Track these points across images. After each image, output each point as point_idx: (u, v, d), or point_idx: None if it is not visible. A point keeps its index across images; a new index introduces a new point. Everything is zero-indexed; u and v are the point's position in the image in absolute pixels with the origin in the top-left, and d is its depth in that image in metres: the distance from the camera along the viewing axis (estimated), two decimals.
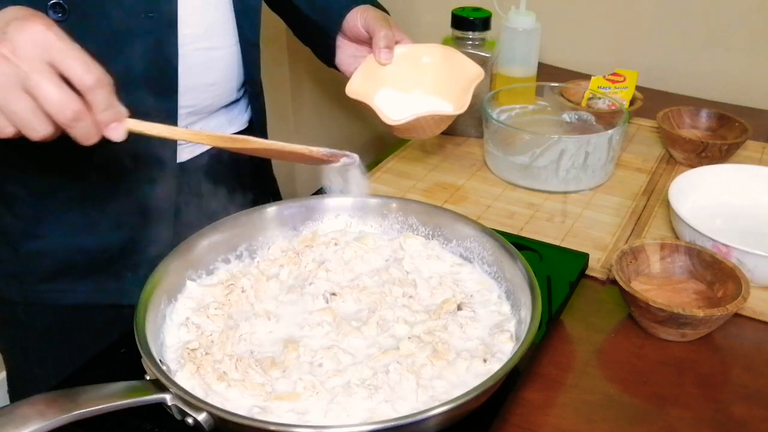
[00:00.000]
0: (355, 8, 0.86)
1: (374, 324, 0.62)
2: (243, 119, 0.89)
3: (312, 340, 0.61)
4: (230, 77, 0.82)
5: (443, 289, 0.67)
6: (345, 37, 0.89)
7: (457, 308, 0.64)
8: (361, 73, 0.82)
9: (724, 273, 0.72)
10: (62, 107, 0.51)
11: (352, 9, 0.86)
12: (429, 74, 0.83)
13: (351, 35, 0.88)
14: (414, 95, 0.83)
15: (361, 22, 0.85)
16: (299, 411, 0.54)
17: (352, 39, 0.89)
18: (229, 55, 0.80)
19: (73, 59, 0.51)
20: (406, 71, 0.83)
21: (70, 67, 0.51)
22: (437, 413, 0.49)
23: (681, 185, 0.86)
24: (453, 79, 0.81)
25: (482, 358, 0.58)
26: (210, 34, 0.76)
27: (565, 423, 0.60)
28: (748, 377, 0.66)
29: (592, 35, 1.34)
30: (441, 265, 0.71)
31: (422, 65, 0.84)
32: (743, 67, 1.23)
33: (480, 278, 0.69)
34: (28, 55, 0.50)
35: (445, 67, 0.83)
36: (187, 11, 0.72)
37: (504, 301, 0.66)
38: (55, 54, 0.51)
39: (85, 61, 0.52)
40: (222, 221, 0.70)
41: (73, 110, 0.52)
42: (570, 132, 1.04)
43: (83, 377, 0.60)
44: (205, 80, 0.78)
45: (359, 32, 0.86)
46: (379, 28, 0.83)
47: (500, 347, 0.60)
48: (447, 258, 0.72)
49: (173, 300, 0.64)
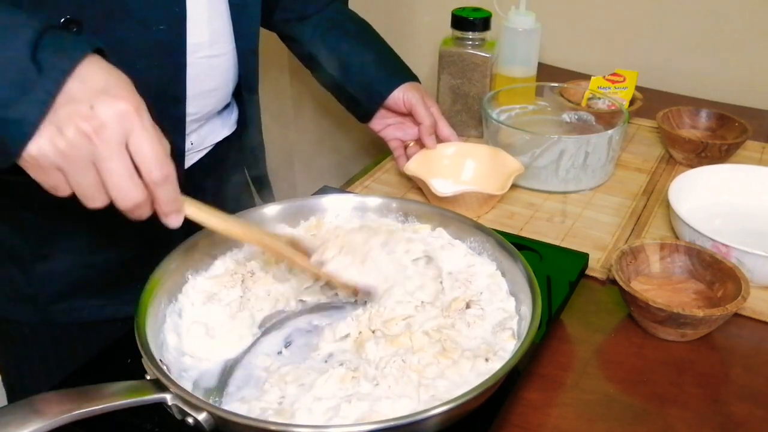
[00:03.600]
0: (397, 87, 0.94)
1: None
2: (232, 121, 0.90)
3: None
4: (228, 82, 0.82)
5: (457, 285, 0.67)
6: (383, 107, 0.96)
7: (465, 306, 0.64)
8: (419, 158, 0.93)
9: (723, 273, 0.72)
10: (126, 195, 0.51)
11: (391, 89, 0.94)
12: (476, 168, 0.95)
13: (390, 107, 0.96)
14: (462, 184, 0.94)
15: (405, 102, 0.94)
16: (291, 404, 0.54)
17: (390, 110, 0.97)
18: (227, 61, 0.80)
19: (150, 150, 0.51)
20: (456, 163, 0.95)
21: (145, 159, 0.51)
22: (437, 413, 0.49)
23: (681, 185, 0.86)
24: (497, 172, 0.92)
25: (484, 357, 0.58)
26: (212, 42, 0.76)
27: (565, 423, 0.60)
28: (748, 377, 0.66)
29: (592, 35, 1.34)
30: (456, 254, 0.71)
31: (470, 160, 0.96)
32: (743, 67, 1.23)
33: (491, 271, 0.69)
34: (109, 138, 0.49)
35: (491, 162, 0.94)
36: (194, 21, 0.72)
37: (510, 297, 0.66)
38: (134, 140, 0.50)
39: (159, 154, 0.51)
40: None
41: (134, 201, 0.52)
42: (570, 132, 1.04)
43: (83, 377, 0.61)
44: (208, 87, 0.79)
45: (400, 108, 0.95)
46: (423, 114, 0.93)
47: (502, 345, 0.60)
48: (459, 245, 0.72)
49: (173, 300, 0.64)
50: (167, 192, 0.53)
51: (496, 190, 0.87)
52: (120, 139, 0.50)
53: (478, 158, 0.95)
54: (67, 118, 0.48)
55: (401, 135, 0.99)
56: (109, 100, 0.49)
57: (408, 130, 0.98)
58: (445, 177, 0.93)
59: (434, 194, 0.86)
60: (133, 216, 0.53)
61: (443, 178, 0.93)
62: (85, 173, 0.50)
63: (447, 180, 0.93)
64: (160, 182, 0.52)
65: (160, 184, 0.52)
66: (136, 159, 0.51)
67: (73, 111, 0.49)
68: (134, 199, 0.52)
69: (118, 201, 0.51)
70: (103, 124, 0.49)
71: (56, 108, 0.49)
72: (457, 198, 0.86)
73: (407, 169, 0.91)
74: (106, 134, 0.49)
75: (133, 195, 0.51)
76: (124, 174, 0.50)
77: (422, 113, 0.93)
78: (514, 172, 0.90)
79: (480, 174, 0.94)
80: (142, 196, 0.52)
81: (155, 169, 0.51)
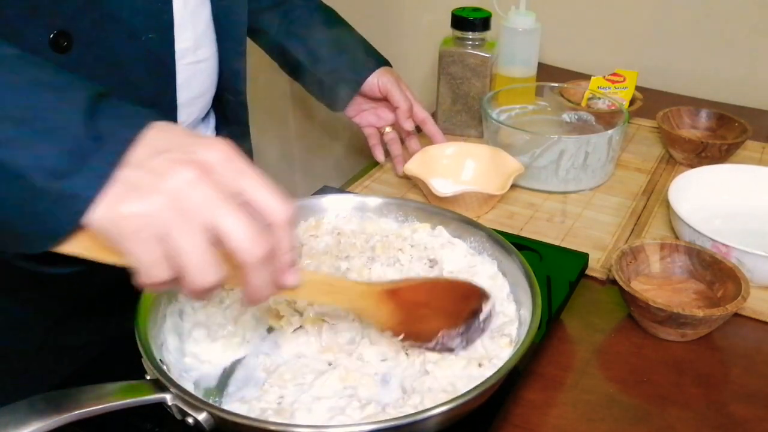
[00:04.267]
0: (371, 73, 0.94)
1: None
2: (211, 127, 0.89)
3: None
4: (211, 87, 0.81)
5: None
6: (359, 94, 0.96)
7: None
8: (419, 159, 0.94)
9: (723, 273, 0.72)
10: (254, 243, 0.42)
11: (367, 74, 0.94)
12: (476, 168, 0.95)
13: (365, 93, 0.96)
14: (462, 184, 0.94)
15: (380, 87, 0.94)
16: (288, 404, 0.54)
17: (365, 96, 0.97)
18: (211, 66, 0.79)
19: (266, 188, 0.43)
20: (456, 163, 0.96)
21: (263, 197, 0.43)
22: (437, 413, 0.49)
23: (681, 185, 0.86)
24: (497, 172, 0.92)
25: (478, 363, 0.58)
26: (196, 47, 0.75)
27: (565, 423, 0.60)
28: (748, 377, 0.66)
29: (592, 35, 1.34)
30: (457, 254, 0.71)
31: (470, 160, 0.96)
32: (743, 67, 1.23)
33: (492, 272, 0.69)
34: (222, 179, 0.42)
35: (490, 162, 0.94)
36: (180, 27, 0.72)
37: (511, 302, 0.66)
38: (247, 180, 0.43)
39: (276, 191, 0.44)
40: None
41: (264, 248, 0.42)
42: (570, 132, 1.04)
43: (83, 377, 0.60)
44: (194, 93, 0.77)
45: (375, 94, 0.96)
46: (398, 97, 0.94)
47: (497, 353, 0.60)
48: (459, 244, 0.72)
49: (173, 300, 0.63)
50: (290, 236, 0.45)
51: (496, 190, 0.87)
52: (233, 179, 0.42)
53: (478, 158, 0.95)
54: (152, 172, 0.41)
55: (375, 121, 1.00)
56: (205, 142, 0.43)
57: (382, 116, 0.99)
58: (444, 177, 0.93)
59: (434, 194, 0.86)
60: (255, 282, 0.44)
61: (443, 178, 0.93)
62: (192, 234, 0.41)
63: (447, 180, 0.93)
64: (285, 222, 0.44)
65: (284, 226, 0.44)
66: (252, 201, 0.43)
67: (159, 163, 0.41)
68: (263, 247, 0.43)
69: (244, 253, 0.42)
70: (211, 164, 0.42)
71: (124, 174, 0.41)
72: (457, 198, 0.86)
73: (407, 169, 0.92)
74: (218, 173, 0.42)
75: (260, 241, 0.42)
76: (244, 217, 0.42)
77: (398, 97, 0.94)
78: (514, 172, 0.90)
79: (480, 174, 0.94)
80: (269, 242, 0.43)
81: (279, 207, 0.43)
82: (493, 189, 0.88)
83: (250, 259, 0.42)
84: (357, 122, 1.01)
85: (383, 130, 1.00)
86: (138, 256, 0.42)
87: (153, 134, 0.43)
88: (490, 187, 0.88)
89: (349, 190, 0.95)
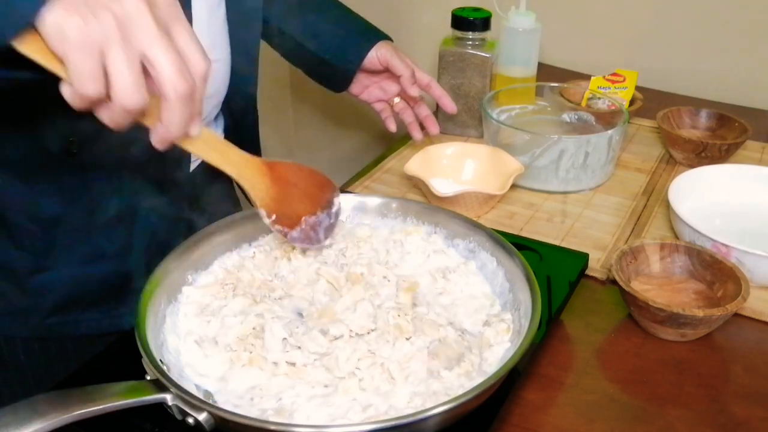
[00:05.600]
0: (372, 47, 0.96)
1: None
2: (221, 128, 0.89)
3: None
4: (221, 90, 0.81)
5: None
6: (361, 71, 0.98)
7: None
8: (419, 158, 0.93)
9: (723, 273, 0.72)
10: (179, 79, 0.47)
11: (367, 49, 0.96)
12: (476, 168, 0.96)
13: (367, 68, 0.98)
14: (462, 184, 0.94)
15: (380, 59, 0.96)
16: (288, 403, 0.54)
17: (366, 71, 0.99)
18: (222, 69, 0.79)
19: (194, 40, 0.48)
20: (457, 163, 0.96)
21: (190, 47, 0.48)
22: (437, 413, 0.49)
23: (681, 185, 0.86)
24: (497, 172, 0.92)
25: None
26: (210, 48, 0.76)
27: (565, 423, 0.60)
28: (748, 377, 0.66)
29: (592, 35, 1.34)
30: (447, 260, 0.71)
31: (470, 160, 0.96)
32: (743, 67, 1.23)
33: (492, 271, 0.68)
34: (161, 16, 0.46)
35: (490, 162, 0.94)
36: (198, 23, 0.72)
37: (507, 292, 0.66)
38: (181, 25, 0.48)
39: (200, 46, 0.49)
40: (222, 221, 0.70)
41: (186, 87, 0.47)
42: (570, 132, 1.04)
43: (83, 377, 0.61)
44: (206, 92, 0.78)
45: (376, 67, 0.97)
46: (399, 66, 0.95)
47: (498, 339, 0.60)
48: (452, 254, 0.72)
49: (173, 300, 0.64)
50: (204, 88, 0.50)
51: (496, 190, 0.87)
52: (169, 23, 0.47)
53: (478, 158, 0.95)
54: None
55: (382, 94, 1.01)
56: None
57: (387, 88, 1.00)
58: (445, 177, 0.93)
59: (434, 194, 0.86)
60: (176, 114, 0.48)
61: (443, 178, 0.93)
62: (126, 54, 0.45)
63: (447, 180, 0.93)
64: (204, 75, 0.49)
65: (204, 78, 0.49)
66: (184, 49, 0.48)
67: None
68: (188, 83, 0.47)
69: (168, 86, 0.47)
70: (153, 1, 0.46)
71: None
72: (457, 198, 0.86)
73: (407, 169, 0.92)
74: (157, 14, 0.46)
75: (185, 78, 0.47)
76: (175, 54, 0.46)
77: (399, 66, 0.95)
78: (514, 172, 0.90)
79: (480, 174, 0.95)
80: (192, 82, 0.48)
81: (202, 58, 0.48)
82: (493, 189, 0.88)
83: (172, 92, 0.47)
84: (365, 99, 1.02)
85: (392, 102, 1.01)
86: (75, 64, 0.44)
87: None
88: (490, 187, 0.88)
89: (349, 190, 0.95)
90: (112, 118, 0.48)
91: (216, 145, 0.59)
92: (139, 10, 0.45)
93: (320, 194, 0.69)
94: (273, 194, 0.64)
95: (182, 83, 0.47)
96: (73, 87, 0.46)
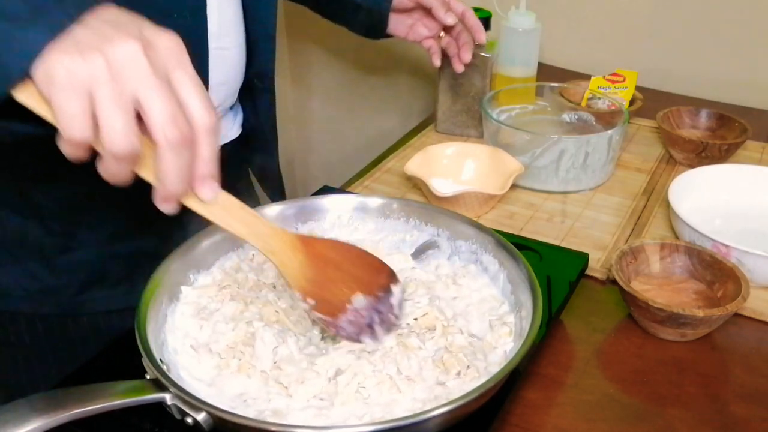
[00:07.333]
0: None
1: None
2: (240, 119, 0.89)
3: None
4: (235, 78, 0.81)
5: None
6: (394, 11, 1.00)
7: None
8: (419, 158, 0.94)
9: (723, 273, 0.72)
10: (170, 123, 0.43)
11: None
12: (476, 168, 0.96)
13: (398, 8, 0.99)
14: (462, 184, 0.95)
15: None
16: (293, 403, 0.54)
17: (400, 11, 1.00)
18: (238, 54, 0.79)
19: (198, 90, 0.45)
20: (457, 163, 0.96)
21: (191, 96, 0.44)
22: (437, 414, 0.49)
23: (681, 185, 0.86)
24: (497, 172, 0.92)
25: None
26: (221, 34, 0.76)
27: (565, 423, 0.60)
28: (748, 377, 0.66)
29: (592, 35, 1.34)
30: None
31: (470, 160, 0.96)
32: (743, 67, 1.23)
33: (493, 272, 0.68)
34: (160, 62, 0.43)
35: (490, 162, 0.94)
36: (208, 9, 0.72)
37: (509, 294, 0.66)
38: (183, 73, 0.44)
39: (206, 97, 0.45)
40: None
41: (178, 133, 0.44)
42: (570, 132, 1.04)
43: (83, 377, 0.61)
44: (215, 81, 0.78)
45: (407, 4, 0.98)
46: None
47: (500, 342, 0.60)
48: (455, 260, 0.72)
49: (174, 300, 0.63)
50: (213, 145, 0.45)
51: (496, 190, 0.88)
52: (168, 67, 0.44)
53: (478, 158, 0.95)
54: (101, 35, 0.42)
55: (426, 32, 1.02)
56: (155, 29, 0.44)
57: (429, 25, 1.02)
58: (445, 177, 0.94)
59: (434, 194, 0.86)
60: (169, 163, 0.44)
61: (443, 178, 0.93)
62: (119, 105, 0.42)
63: (447, 180, 0.94)
64: (210, 129, 0.45)
65: (210, 132, 0.45)
66: (181, 96, 0.44)
67: (110, 30, 0.43)
68: (182, 130, 0.44)
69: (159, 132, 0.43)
70: (155, 47, 0.43)
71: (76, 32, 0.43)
72: (457, 198, 0.86)
73: (407, 169, 0.92)
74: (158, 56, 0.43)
75: (180, 124, 0.44)
76: (169, 100, 0.43)
77: (434, 3, 0.96)
78: (514, 172, 0.90)
79: (480, 174, 0.95)
80: (189, 130, 0.44)
81: (207, 111, 0.44)
82: (493, 189, 0.88)
83: (162, 139, 0.44)
84: (413, 39, 1.03)
85: (437, 37, 1.02)
86: (59, 105, 0.42)
87: (115, 9, 0.45)
88: (490, 187, 0.88)
89: (349, 190, 0.95)
90: (106, 169, 0.45)
91: (238, 213, 0.53)
92: (134, 52, 0.43)
93: (372, 279, 0.58)
94: (309, 275, 0.55)
95: (174, 130, 0.44)
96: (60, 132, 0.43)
